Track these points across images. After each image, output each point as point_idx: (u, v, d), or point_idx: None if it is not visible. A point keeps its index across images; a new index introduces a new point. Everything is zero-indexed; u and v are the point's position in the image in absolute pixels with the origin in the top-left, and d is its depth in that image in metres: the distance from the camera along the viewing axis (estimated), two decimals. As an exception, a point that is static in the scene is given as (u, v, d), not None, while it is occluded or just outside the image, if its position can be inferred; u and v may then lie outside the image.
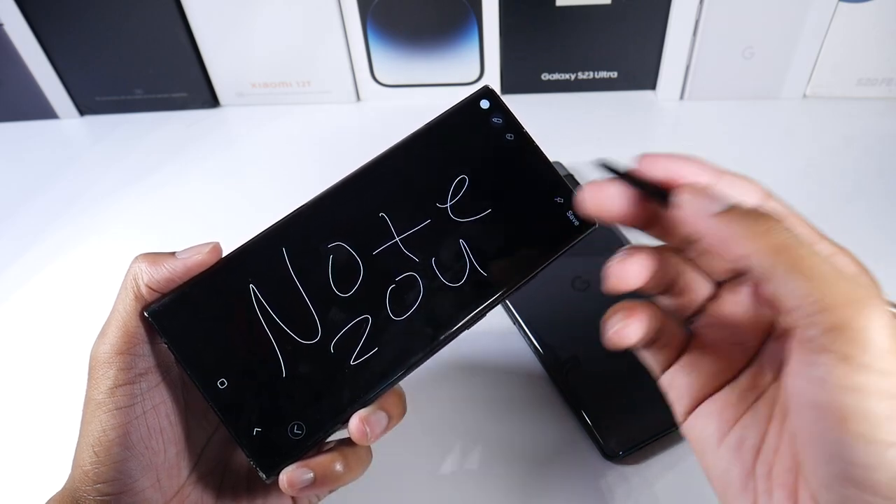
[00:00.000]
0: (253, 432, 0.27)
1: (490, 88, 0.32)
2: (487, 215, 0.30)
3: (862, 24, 0.52)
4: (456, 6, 0.54)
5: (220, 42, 0.57)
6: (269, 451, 0.27)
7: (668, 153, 0.25)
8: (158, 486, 0.27)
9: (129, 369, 0.27)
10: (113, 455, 0.26)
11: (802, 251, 0.20)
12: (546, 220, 0.30)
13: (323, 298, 0.29)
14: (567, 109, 0.58)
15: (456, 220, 0.30)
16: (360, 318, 0.29)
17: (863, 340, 0.19)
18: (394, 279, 0.29)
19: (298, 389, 0.28)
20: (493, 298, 0.29)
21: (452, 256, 0.30)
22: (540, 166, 0.31)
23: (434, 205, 0.30)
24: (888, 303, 0.21)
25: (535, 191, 0.31)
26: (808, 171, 0.52)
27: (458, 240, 0.30)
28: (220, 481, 0.30)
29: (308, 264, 0.29)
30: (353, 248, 0.29)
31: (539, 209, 0.31)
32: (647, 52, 0.56)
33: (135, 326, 0.27)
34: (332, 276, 0.29)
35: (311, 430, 0.28)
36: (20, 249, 0.51)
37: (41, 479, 0.30)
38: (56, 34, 0.56)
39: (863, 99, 0.56)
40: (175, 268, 0.28)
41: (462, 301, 0.29)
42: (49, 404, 0.42)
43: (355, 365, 0.28)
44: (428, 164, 0.31)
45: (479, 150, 0.31)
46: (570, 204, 0.30)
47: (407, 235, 0.30)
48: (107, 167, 0.57)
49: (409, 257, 0.30)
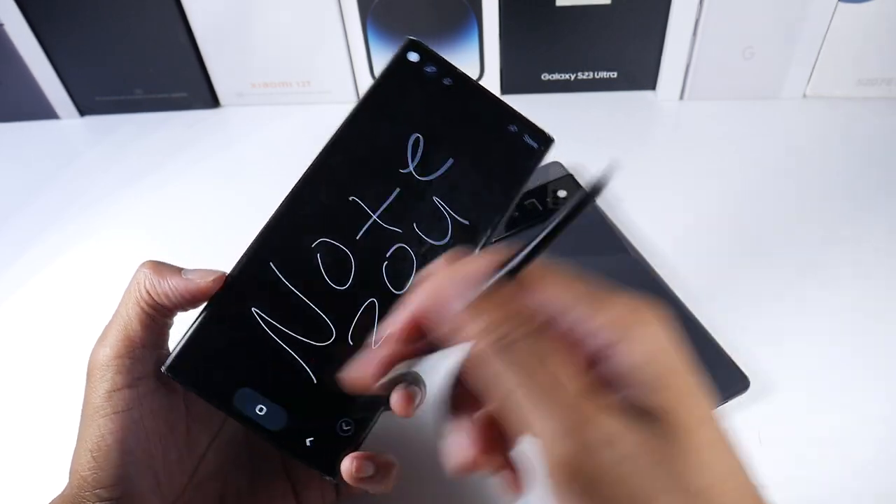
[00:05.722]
0: (307, 444, 0.28)
1: (413, 39, 0.31)
2: (451, 165, 0.30)
3: (862, 24, 0.52)
4: (456, 6, 0.54)
5: (220, 42, 0.57)
6: (328, 454, 0.28)
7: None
8: (159, 491, 0.27)
9: (127, 373, 0.27)
10: (112, 460, 0.26)
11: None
12: (507, 151, 0.31)
13: (325, 297, 0.29)
14: (567, 109, 0.58)
15: (423, 180, 0.30)
16: (366, 303, 0.29)
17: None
18: (385, 256, 0.29)
19: (333, 389, 0.27)
20: (484, 240, 0.30)
21: (432, 216, 0.30)
22: (485, 102, 0.31)
23: (398, 172, 0.30)
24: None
25: (488, 126, 0.31)
26: (807, 171, 0.52)
27: (432, 198, 0.30)
28: (224, 485, 0.30)
29: (300, 270, 0.29)
30: (337, 239, 0.29)
31: (497, 142, 0.31)
32: (647, 53, 0.56)
33: (135, 330, 0.27)
34: (326, 273, 0.29)
35: (358, 420, 0.28)
36: (20, 249, 0.51)
37: (38, 483, 0.30)
38: (56, 34, 0.56)
39: (863, 99, 0.56)
40: (177, 287, 0.27)
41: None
42: (48, 406, 0.42)
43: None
44: (378, 133, 0.31)
45: (422, 105, 0.31)
46: (524, 128, 0.31)
47: (382, 211, 0.30)
48: (107, 167, 0.57)
49: (392, 231, 0.30)
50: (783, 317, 0.43)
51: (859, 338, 0.42)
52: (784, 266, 0.46)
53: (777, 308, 0.43)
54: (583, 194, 0.20)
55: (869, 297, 0.44)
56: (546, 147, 0.31)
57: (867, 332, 0.42)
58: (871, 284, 0.44)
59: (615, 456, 0.19)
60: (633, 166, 0.53)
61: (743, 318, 0.42)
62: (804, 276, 0.45)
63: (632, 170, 0.53)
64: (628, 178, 0.52)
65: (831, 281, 0.45)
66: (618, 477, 0.19)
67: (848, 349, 0.41)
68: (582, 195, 0.20)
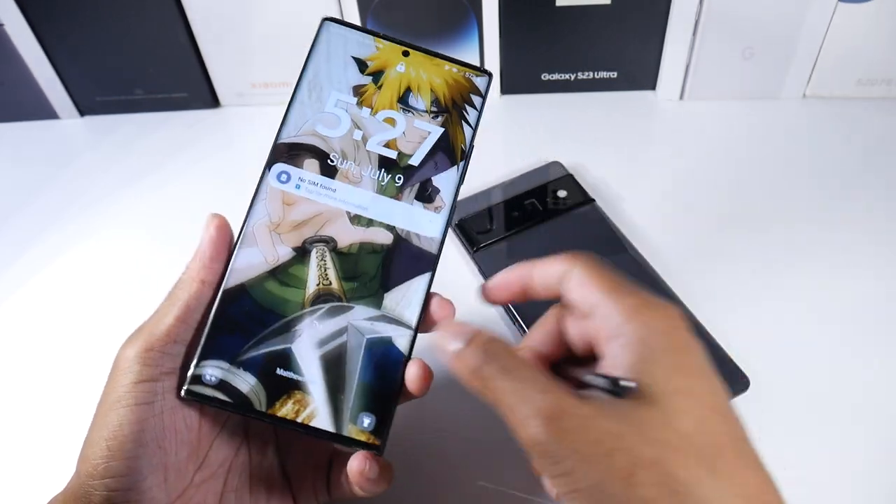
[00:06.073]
0: (363, 423, 0.28)
1: (328, 16, 0.34)
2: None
3: (862, 24, 0.52)
4: (456, 6, 0.54)
5: (220, 42, 0.57)
6: (378, 432, 0.29)
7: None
8: (165, 487, 0.27)
9: (154, 366, 0.27)
10: (126, 451, 0.26)
11: (493, 384, 0.24)
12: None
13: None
14: (567, 109, 0.58)
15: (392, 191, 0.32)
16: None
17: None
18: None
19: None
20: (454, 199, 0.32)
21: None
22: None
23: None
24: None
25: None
26: (807, 170, 0.52)
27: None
28: (224, 482, 0.30)
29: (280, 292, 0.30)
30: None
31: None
32: (647, 53, 0.56)
33: (171, 325, 0.28)
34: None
35: (380, 418, 0.29)
36: (20, 249, 0.51)
37: (37, 481, 0.30)
38: (56, 34, 0.56)
39: (863, 99, 0.56)
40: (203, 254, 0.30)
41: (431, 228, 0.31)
42: (48, 406, 0.42)
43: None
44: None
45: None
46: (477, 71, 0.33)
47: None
48: (107, 167, 0.57)
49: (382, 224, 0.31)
50: (783, 316, 0.43)
51: (860, 338, 0.42)
52: (784, 266, 0.46)
53: (777, 308, 0.43)
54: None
55: (869, 297, 0.44)
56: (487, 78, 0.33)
57: (868, 332, 0.42)
58: (871, 284, 0.44)
59: (588, 410, 0.23)
60: (633, 166, 0.54)
61: (743, 317, 0.42)
62: (804, 275, 0.45)
63: (631, 170, 0.53)
64: (628, 178, 0.52)
65: (831, 281, 0.45)
66: (588, 424, 0.22)
67: (848, 349, 0.41)
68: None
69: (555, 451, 0.22)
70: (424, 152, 0.31)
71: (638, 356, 0.24)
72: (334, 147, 0.31)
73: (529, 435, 0.23)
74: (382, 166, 0.31)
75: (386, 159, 0.31)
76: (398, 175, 0.31)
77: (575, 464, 0.22)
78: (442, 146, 0.32)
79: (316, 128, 0.31)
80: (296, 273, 0.30)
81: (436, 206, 0.31)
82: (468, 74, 0.32)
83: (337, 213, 0.31)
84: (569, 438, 0.22)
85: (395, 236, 0.31)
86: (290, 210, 0.30)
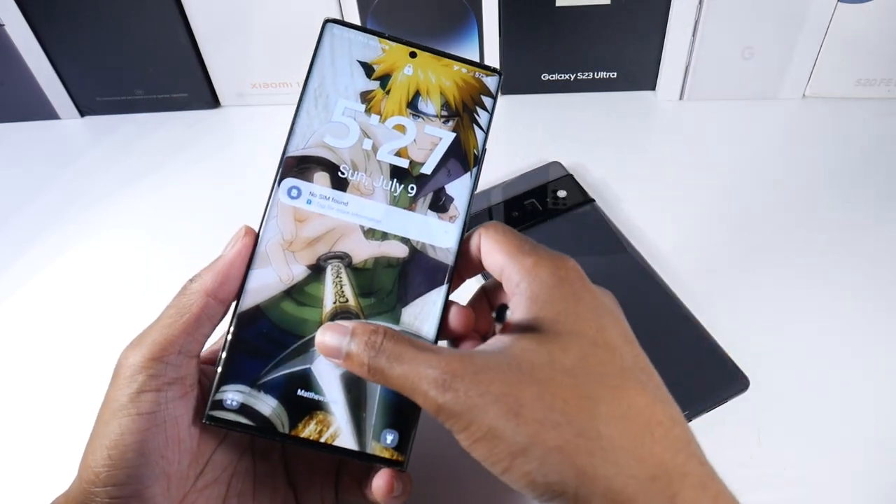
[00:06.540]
0: (386, 440, 0.28)
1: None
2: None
3: (861, 25, 0.52)
4: (456, 6, 0.54)
5: (220, 42, 0.57)
6: (401, 448, 0.28)
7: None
8: (168, 495, 0.27)
9: (158, 377, 0.27)
10: (127, 460, 0.26)
11: (387, 374, 0.25)
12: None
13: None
14: (567, 110, 0.58)
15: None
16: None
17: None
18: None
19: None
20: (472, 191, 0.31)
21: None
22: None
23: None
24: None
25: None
26: (807, 171, 0.52)
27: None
28: (227, 487, 0.30)
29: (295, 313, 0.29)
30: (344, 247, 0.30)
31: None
32: (647, 53, 0.56)
33: (176, 336, 0.27)
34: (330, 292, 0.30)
35: (401, 432, 0.29)
36: (20, 250, 0.51)
37: (37, 481, 0.30)
38: (56, 34, 0.56)
39: (862, 99, 0.56)
40: (219, 271, 0.29)
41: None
42: (48, 406, 0.42)
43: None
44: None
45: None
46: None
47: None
48: (107, 167, 0.57)
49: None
50: (783, 316, 0.43)
51: (859, 338, 0.42)
52: (784, 266, 0.46)
53: (777, 308, 0.43)
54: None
55: (869, 297, 0.44)
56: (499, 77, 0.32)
57: (867, 332, 0.42)
58: (870, 284, 0.44)
59: (476, 365, 0.24)
60: (633, 166, 0.54)
61: (743, 317, 0.43)
62: (804, 276, 0.45)
63: (631, 170, 0.53)
64: (628, 178, 0.52)
65: (831, 281, 0.45)
66: (478, 378, 0.24)
67: (848, 349, 0.41)
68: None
69: (454, 411, 0.24)
70: (437, 160, 0.30)
71: (530, 306, 0.26)
72: (344, 158, 0.30)
73: (431, 406, 0.24)
74: (394, 176, 0.30)
75: (398, 169, 0.30)
76: (411, 185, 0.30)
77: (472, 416, 0.24)
78: (454, 152, 0.30)
79: (324, 139, 0.30)
80: (311, 292, 0.29)
81: (450, 216, 0.30)
82: (478, 74, 0.31)
83: (350, 228, 0.30)
84: (462, 397, 0.24)
85: (411, 249, 0.30)
86: (302, 227, 0.29)
